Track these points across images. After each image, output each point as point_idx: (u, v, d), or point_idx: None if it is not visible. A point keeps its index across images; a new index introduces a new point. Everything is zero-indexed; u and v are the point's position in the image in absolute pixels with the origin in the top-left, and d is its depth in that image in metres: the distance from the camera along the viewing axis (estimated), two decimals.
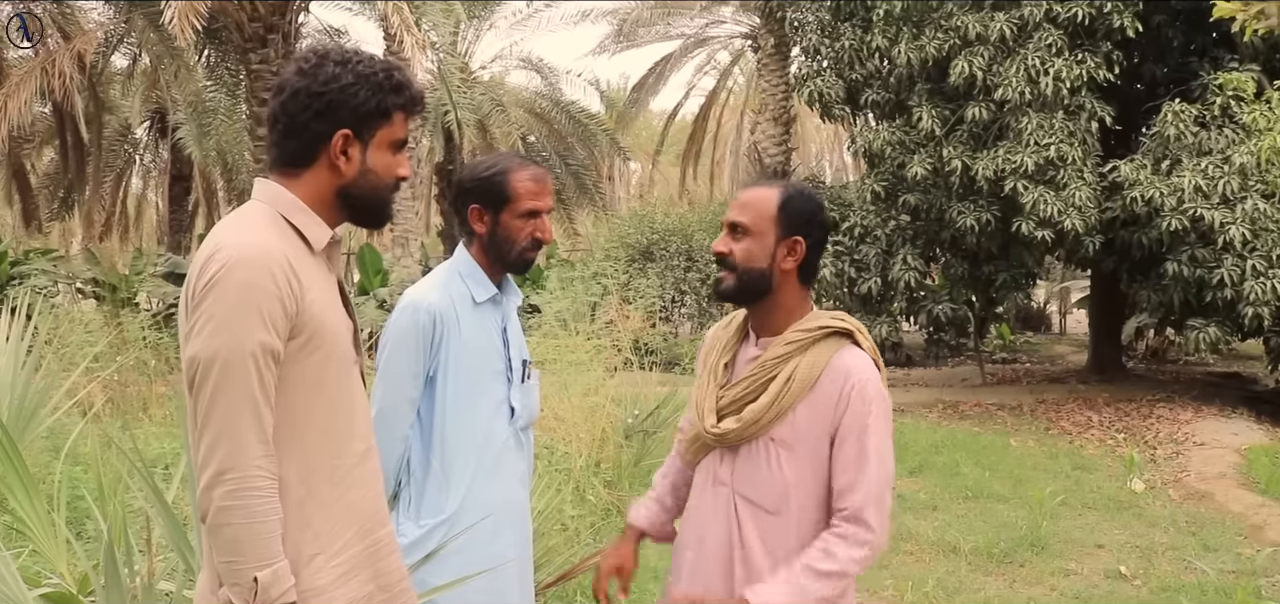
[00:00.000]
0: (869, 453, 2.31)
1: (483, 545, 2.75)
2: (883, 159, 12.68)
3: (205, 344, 1.76)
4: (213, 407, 1.76)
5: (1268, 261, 10.71)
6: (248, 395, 1.75)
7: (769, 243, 2.37)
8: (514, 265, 2.86)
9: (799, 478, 2.36)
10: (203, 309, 1.78)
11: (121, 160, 24.44)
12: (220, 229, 1.88)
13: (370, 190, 1.96)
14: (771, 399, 2.35)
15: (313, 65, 1.91)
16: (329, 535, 1.88)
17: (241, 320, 1.75)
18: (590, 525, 5.85)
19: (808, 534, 2.37)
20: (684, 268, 18.91)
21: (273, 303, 1.78)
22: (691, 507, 2.58)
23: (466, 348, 2.79)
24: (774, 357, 2.37)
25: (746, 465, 2.41)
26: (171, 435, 7.46)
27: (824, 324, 2.39)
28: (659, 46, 25.58)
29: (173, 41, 14.22)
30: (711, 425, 2.42)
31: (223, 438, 1.75)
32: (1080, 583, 6.11)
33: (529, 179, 2.82)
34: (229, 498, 1.75)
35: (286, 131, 1.92)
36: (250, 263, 1.78)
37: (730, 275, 2.40)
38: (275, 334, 1.79)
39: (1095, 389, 13.70)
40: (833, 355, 2.36)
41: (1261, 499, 8.09)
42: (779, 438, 2.36)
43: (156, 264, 17.18)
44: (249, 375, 1.75)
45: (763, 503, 2.39)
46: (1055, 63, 11.01)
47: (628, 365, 8.63)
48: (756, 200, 2.41)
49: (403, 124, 1.98)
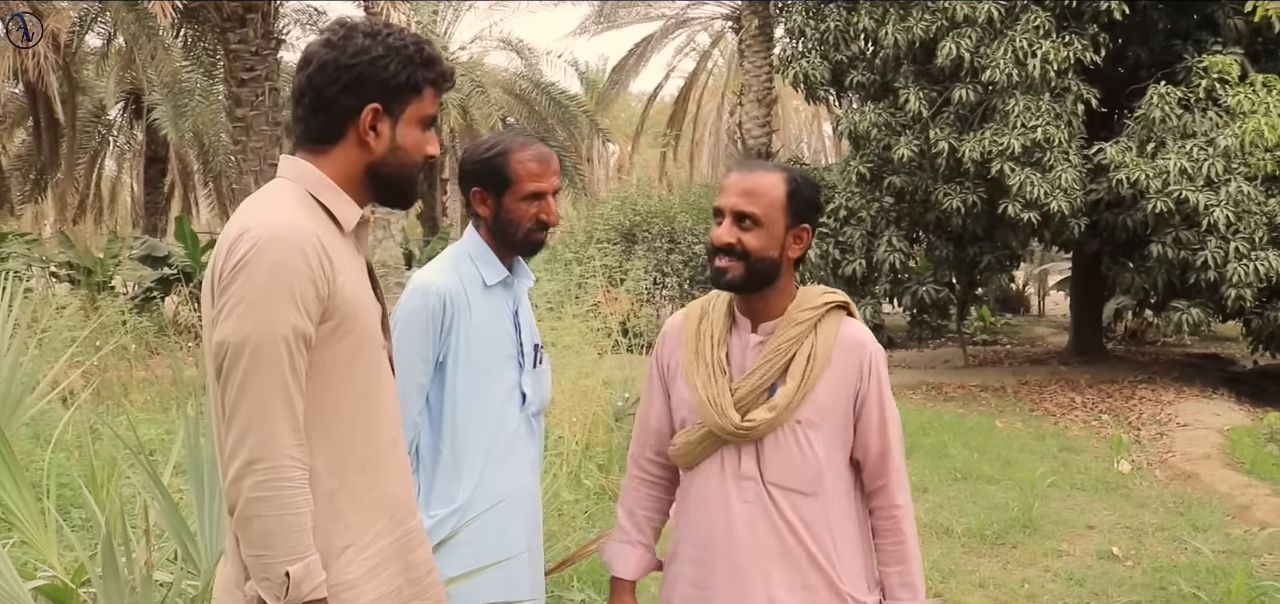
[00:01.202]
0: (888, 417, 2.40)
1: (495, 534, 2.68)
2: (868, 141, 12.67)
3: (234, 328, 1.69)
4: (242, 394, 1.68)
5: (1251, 244, 10.79)
6: (279, 381, 1.68)
7: (779, 232, 2.34)
8: (521, 248, 2.79)
9: (829, 454, 2.37)
10: (232, 291, 1.70)
11: (95, 141, 24.11)
12: (247, 208, 1.80)
13: (399, 168, 1.89)
14: (799, 380, 2.32)
15: (341, 37, 1.83)
16: (360, 527, 1.82)
17: (273, 303, 1.68)
18: (585, 511, 5.80)
19: (843, 506, 2.41)
20: (666, 250, 18.87)
21: (305, 284, 1.71)
22: (700, 509, 2.46)
23: (477, 332, 2.71)
24: (787, 338, 2.35)
25: (775, 453, 2.36)
26: (155, 422, 7.36)
27: (826, 300, 2.40)
28: (640, 28, 25.58)
29: (150, 21, 14.04)
30: (738, 421, 2.34)
31: (253, 426, 1.68)
32: (1073, 563, 6.12)
33: (531, 159, 2.74)
34: (259, 489, 1.68)
35: (313, 106, 1.85)
36: (281, 243, 1.70)
37: (738, 265, 2.33)
38: (307, 317, 1.72)
39: (1077, 370, 13.77)
40: (839, 328, 2.38)
41: (1247, 479, 8.14)
42: (805, 419, 2.34)
43: (133, 247, 16.97)
44: (280, 360, 1.68)
45: (799, 487, 2.36)
46: (1042, 45, 11.02)
47: (616, 348, 8.58)
48: (763, 189, 2.35)
49: (433, 100, 1.90)
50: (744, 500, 2.38)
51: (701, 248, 19.11)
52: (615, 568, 2.61)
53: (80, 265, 15.42)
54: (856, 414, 2.39)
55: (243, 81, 13.17)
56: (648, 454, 2.61)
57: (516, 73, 25.91)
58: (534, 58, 26.11)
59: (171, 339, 10.31)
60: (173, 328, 11.18)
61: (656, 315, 17.25)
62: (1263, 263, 10.63)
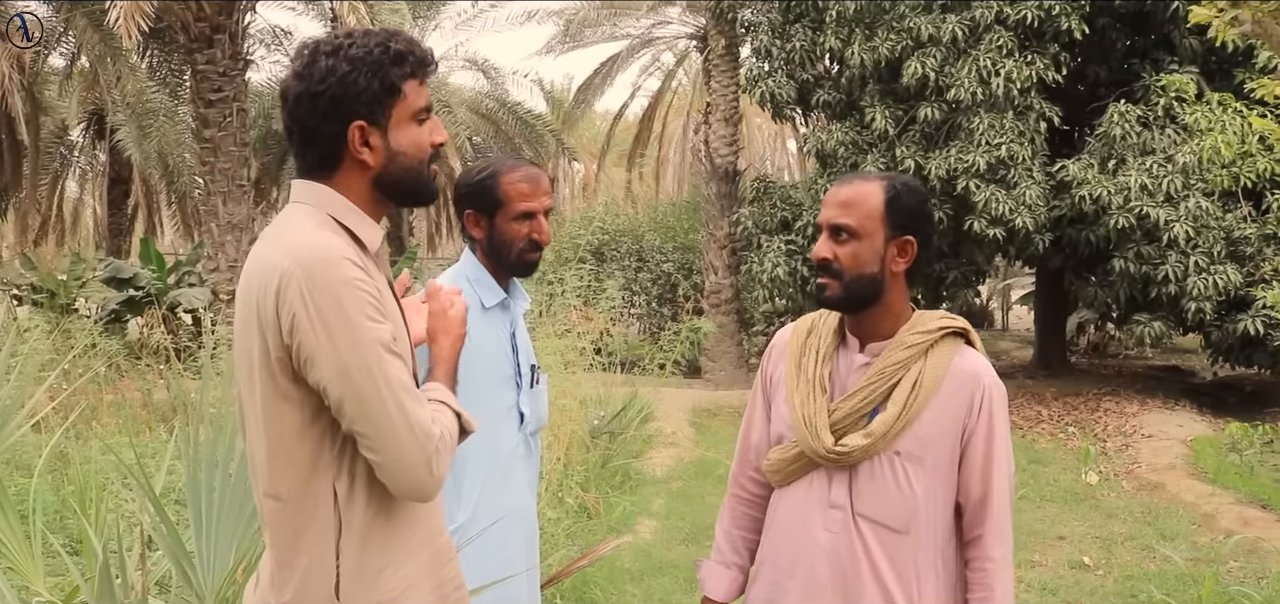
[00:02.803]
0: (996, 460, 2.21)
1: (494, 554, 2.72)
2: (835, 159, 12.80)
3: (339, 358, 1.69)
4: (374, 412, 1.71)
5: (1210, 258, 11.02)
6: (401, 384, 1.72)
7: (878, 244, 2.19)
8: (515, 268, 2.83)
9: (929, 492, 2.20)
10: (309, 327, 1.69)
11: (57, 162, 23.84)
12: (281, 238, 1.78)
13: (404, 172, 1.86)
14: (900, 407, 2.17)
15: (305, 65, 1.81)
16: (397, 546, 1.84)
17: (358, 320, 1.70)
18: (566, 530, 5.83)
19: (936, 549, 2.23)
20: (635, 268, 18.93)
21: (372, 290, 1.73)
22: (784, 531, 2.33)
23: (475, 354, 2.74)
24: (894, 362, 2.20)
25: (869, 484, 2.21)
26: (128, 446, 7.30)
27: (942, 324, 2.24)
28: (605, 47, 25.56)
29: (115, 42, 13.90)
30: (831, 445, 2.21)
31: (406, 435, 1.71)
32: (1046, 574, 6.23)
33: (521, 180, 2.79)
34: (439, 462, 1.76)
35: (303, 141, 1.83)
36: (334, 262, 1.71)
37: (835, 283, 2.20)
38: (388, 320, 1.75)
39: (1043, 384, 13.97)
40: (954, 357, 2.21)
41: (1211, 488, 8.32)
42: (905, 451, 2.19)
43: (97, 269, 16.79)
44: (391, 367, 1.71)
45: (890, 522, 2.20)
46: (1005, 64, 11.21)
47: (591, 367, 8.62)
48: (860, 198, 2.20)
49: (418, 91, 1.85)
50: (829, 529, 2.25)
51: (670, 266, 19.22)
52: (707, 588, 2.52)
53: (43, 287, 15.24)
54: (962, 452, 2.22)
55: (210, 103, 13.08)
56: (748, 472, 2.49)
57: (482, 92, 25.90)
58: (500, 77, 26.11)
59: (141, 361, 10.22)
60: (142, 349, 11.08)
61: (625, 335, 17.31)
62: (1221, 276, 10.87)
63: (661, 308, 19.15)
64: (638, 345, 15.57)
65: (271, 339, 1.73)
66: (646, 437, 9.56)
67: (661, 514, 7.41)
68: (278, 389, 1.75)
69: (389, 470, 1.73)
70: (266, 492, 1.82)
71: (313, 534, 1.79)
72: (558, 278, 13.94)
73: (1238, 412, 12.01)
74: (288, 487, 1.79)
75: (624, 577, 5.60)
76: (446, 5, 23.55)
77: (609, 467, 7.92)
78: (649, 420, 9.93)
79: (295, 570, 1.80)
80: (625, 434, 8.80)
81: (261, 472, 1.82)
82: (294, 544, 1.80)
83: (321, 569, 1.79)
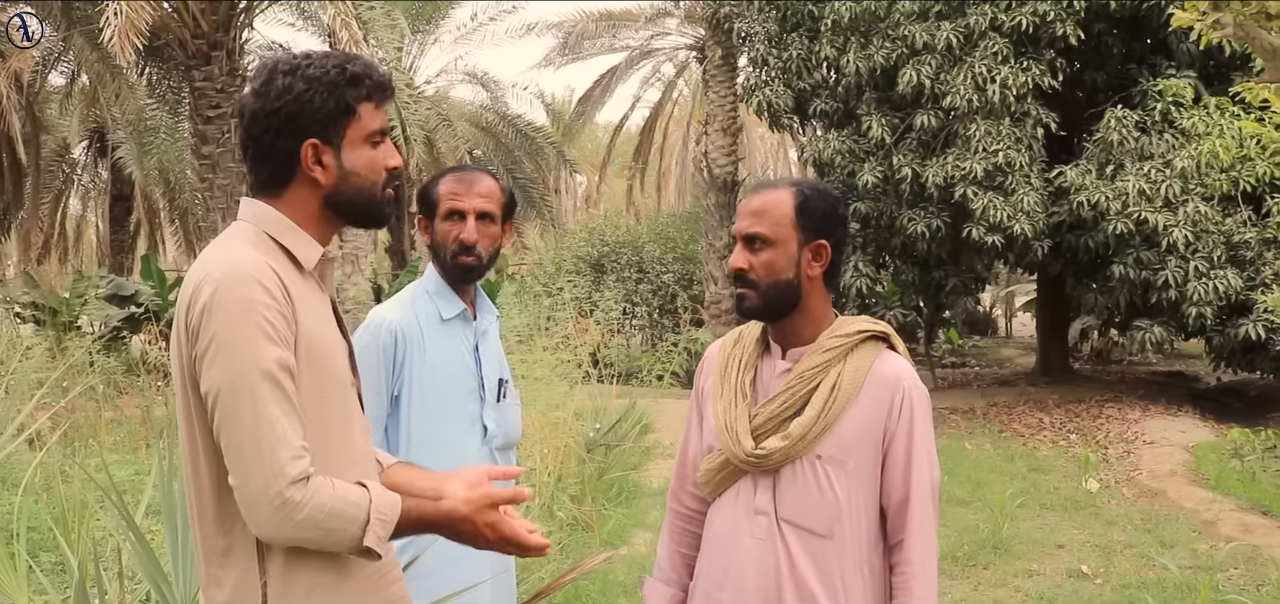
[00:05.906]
0: (916, 463, 2.20)
1: (452, 566, 2.67)
2: (832, 168, 12.79)
3: (217, 375, 1.69)
4: (234, 434, 1.68)
5: (1209, 262, 10.97)
6: (265, 417, 1.67)
7: (792, 250, 2.19)
8: (451, 274, 2.79)
9: (851, 496, 2.20)
10: (204, 339, 1.71)
11: (59, 181, 23.90)
12: (206, 254, 1.81)
13: (357, 192, 1.88)
14: (818, 411, 2.17)
15: (263, 83, 1.83)
16: (327, 566, 1.79)
17: (248, 341, 1.69)
18: (558, 542, 5.81)
19: (861, 554, 2.21)
20: (635, 280, 18.92)
21: (274, 315, 1.72)
22: (716, 543, 2.32)
23: (432, 367, 2.74)
24: (812, 366, 2.20)
25: (791, 488, 2.21)
26: (125, 463, 7.30)
27: (861, 328, 2.24)
28: (604, 59, 25.66)
29: (113, 60, 13.93)
30: (751, 448, 2.21)
31: (254, 464, 1.67)
32: (1044, 583, 6.19)
33: (454, 180, 2.77)
34: (293, 510, 1.66)
35: (257, 156, 1.85)
36: (242, 279, 1.71)
37: (752, 292, 2.21)
38: (285, 346, 1.73)
39: (1045, 391, 13.91)
40: (874, 361, 2.22)
41: (1212, 495, 8.26)
42: (826, 454, 2.19)
43: (99, 286, 16.82)
44: (264, 395, 1.68)
45: (813, 527, 2.20)
46: (1001, 70, 11.19)
47: (587, 379, 8.60)
48: (770, 206, 2.21)
49: (374, 113, 1.88)
50: (755, 536, 2.24)
51: (670, 277, 19.21)
52: None
53: (45, 306, 15.27)
54: (884, 455, 2.21)
55: (208, 119, 13.10)
56: (687, 488, 2.49)
57: (483, 105, 25.92)
58: (500, 90, 26.12)
59: (141, 378, 10.22)
60: (142, 367, 11.08)
61: (626, 346, 17.31)
62: (1222, 281, 10.82)
63: (662, 319, 19.14)
64: (638, 357, 15.54)
65: (186, 350, 1.76)
66: (644, 448, 9.53)
67: (656, 526, 7.37)
68: (195, 400, 1.76)
69: (239, 499, 1.70)
70: (193, 503, 1.82)
71: (240, 550, 1.77)
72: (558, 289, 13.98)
73: (1242, 417, 11.94)
74: (210, 501, 1.78)
75: (617, 589, 5.57)
76: (446, 18, 23.56)
77: (605, 479, 7.89)
78: (647, 432, 9.90)
79: (224, 587, 1.79)
80: (622, 446, 8.77)
81: (190, 485, 1.81)
82: (222, 561, 1.79)
83: (248, 588, 1.77)
